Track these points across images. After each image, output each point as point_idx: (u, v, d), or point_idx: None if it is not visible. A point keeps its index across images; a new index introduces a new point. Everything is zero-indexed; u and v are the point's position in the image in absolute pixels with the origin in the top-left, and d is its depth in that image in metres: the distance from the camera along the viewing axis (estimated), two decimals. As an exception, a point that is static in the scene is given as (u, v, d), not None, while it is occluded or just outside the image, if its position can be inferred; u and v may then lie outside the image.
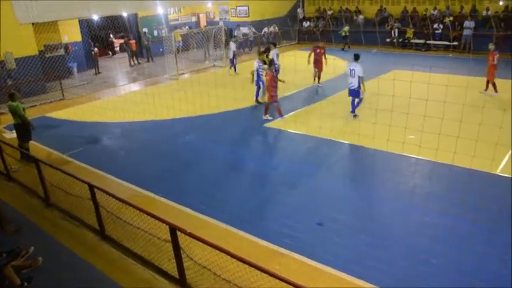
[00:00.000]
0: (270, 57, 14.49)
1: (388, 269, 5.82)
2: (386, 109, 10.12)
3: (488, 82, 13.84)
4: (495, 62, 13.49)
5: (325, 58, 15.78)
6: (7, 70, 15.91)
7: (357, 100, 12.08)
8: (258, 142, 11.10)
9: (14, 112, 10.09)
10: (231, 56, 19.16)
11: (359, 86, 11.79)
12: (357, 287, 5.55)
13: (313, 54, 15.73)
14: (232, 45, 19.25)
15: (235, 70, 19.41)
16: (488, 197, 7.34)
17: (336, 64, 14.97)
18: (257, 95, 14.15)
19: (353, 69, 11.79)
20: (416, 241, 6.46)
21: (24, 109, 10.32)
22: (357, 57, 12.01)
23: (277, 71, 13.34)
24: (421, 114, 7.87)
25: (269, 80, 11.93)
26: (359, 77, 11.68)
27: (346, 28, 24.27)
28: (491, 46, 13.94)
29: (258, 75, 13.77)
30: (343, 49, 23.69)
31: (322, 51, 15.60)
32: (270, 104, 12.33)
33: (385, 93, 9.68)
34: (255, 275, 4.70)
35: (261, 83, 13.79)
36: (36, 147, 11.06)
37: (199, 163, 9.91)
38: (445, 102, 7.93)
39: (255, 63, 13.83)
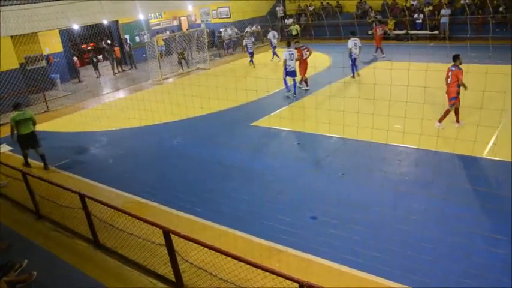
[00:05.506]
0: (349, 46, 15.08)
1: (382, 257, 5.87)
2: (369, 98, 10.21)
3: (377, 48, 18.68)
4: (379, 34, 18.21)
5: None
6: None
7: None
8: (246, 141, 11.09)
9: (32, 119, 10.39)
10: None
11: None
12: (355, 277, 5.59)
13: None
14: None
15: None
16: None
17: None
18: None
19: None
20: (407, 227, 6.53)
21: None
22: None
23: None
24: (404, 101, 7.96)
25: (459, 77, 9.74)
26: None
27: (297, 26, 25.01)
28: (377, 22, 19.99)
29: None
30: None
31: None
32: (451, 107, 10.07)
33: (368, 82, 9.78)
34: (251, 272, 4.72)
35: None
36: (22, 161, 10.89)
37: (189, 166, 9.88)
38: (425, 87, 8.10)
39: None
